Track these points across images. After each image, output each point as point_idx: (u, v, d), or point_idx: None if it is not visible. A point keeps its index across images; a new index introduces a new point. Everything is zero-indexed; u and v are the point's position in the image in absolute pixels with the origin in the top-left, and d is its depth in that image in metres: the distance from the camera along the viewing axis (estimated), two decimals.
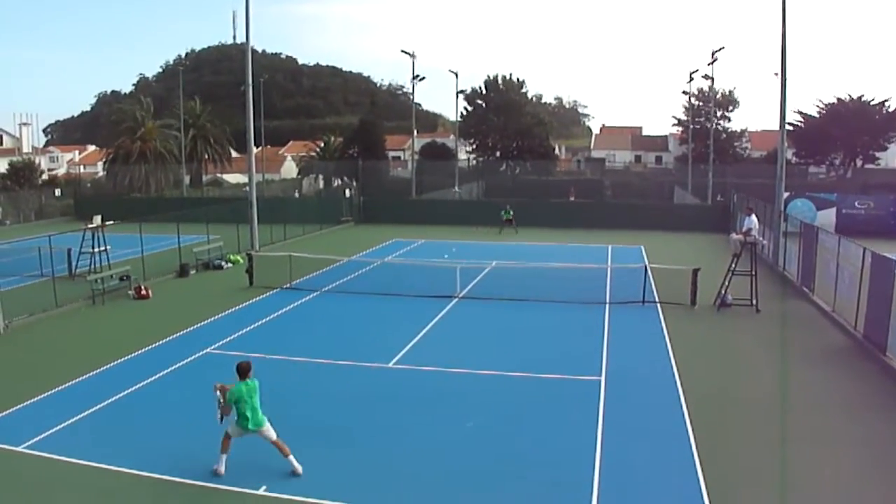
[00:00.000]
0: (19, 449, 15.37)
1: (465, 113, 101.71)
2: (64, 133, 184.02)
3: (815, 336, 25.10)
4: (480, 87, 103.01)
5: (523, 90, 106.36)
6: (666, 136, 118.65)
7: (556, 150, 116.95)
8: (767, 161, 78.15)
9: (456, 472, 14.38)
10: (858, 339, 23.63)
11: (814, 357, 22.67)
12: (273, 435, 14.31)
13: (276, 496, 13.33)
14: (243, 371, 14.18)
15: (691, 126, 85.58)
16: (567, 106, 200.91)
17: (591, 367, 21.24)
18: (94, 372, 20.89)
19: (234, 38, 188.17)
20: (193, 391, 19.44)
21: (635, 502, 13.18)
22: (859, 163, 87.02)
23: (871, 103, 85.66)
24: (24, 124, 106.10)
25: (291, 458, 14.13)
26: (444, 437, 16.29)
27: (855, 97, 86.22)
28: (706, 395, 18.79)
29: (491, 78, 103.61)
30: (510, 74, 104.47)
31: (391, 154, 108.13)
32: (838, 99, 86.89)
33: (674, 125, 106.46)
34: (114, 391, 19.00)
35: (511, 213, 56.17)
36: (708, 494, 13.26)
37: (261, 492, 13.47)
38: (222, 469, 14.04)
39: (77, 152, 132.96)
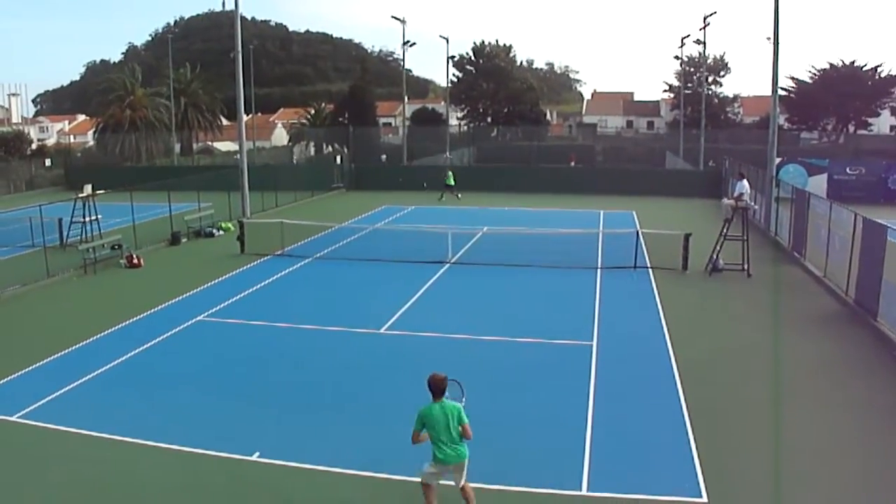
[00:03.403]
0: (13, 418, 15.38)
1: (455, 79, 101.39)
2: (53, 103, 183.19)
3: (807, 301, 25.16)
4: (468, 54, 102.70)
5: (511, 55, 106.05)
6: (658, 102, 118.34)
7: (548, 116, 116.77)
8: (759, 126, 78.24)
9: None
10: (849, 304, 23.69)
11: (805, 322, 22.75)
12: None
13: (270, 462, 13.37)
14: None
15: (683, 91, 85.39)
16: (558, 71, 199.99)
17: (582, 331, 21.31)
18: (87, 341, 20.87)
19: (223, 5, 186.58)
20: (186, 358, 19.49)
21: (627, 465, 13.25)
22: (851, 129, 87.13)
23: (864, 69, 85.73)
24: (13, 95, 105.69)
25: None
26: None
27: (847, 63, 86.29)
28: (698, 360, 18.87)
29: (478, 44, 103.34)
30: (496, 40, 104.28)
31: (382, 120, 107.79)
32: (831, 64, 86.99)
33: (665, 90, 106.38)
34: (107, 360, 19.00)
35: (453, 178, 54.74)
36: (699, 456, 13.34)
37: (254, 458, 13.51)
38: None
39: (67, 122, 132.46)
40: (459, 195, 53.68)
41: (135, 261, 31.75)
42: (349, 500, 12.33)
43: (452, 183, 54.44)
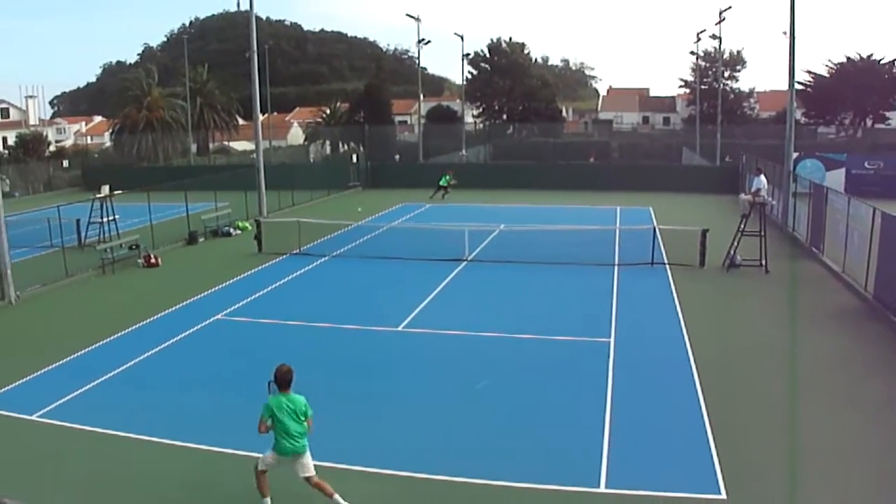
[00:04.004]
0: (32, 418, 15.47)
1: (470, 76, 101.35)
2: (70, 104, 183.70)
3: (825, 297, 25.00)
4: (483, 51, 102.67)
5: (525, 52, 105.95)
6: (674, 97, 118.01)
7: (563, 113, 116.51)
8: (776, 121, 77.81)
9: (467, 434, 14.44)
10: (868, 299, 23.51)
11: (823, 318, 22.60)
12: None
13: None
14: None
15: (699, 87, 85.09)
16: (574, 68, 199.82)
17: (600, 328, 21.28)
18: (105, 340, 20.97)
19: (238, 5, 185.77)
20: (204, 357, 19.56)
21: (645, 462, 13.21)
22: (869, 123, 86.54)
23: (881, 62, 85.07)
24: (31, 97, 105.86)
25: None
26: (454, 400, 16.35)
27: (865, 56, 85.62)
28: (715, 356, 18.81)
29: (494, 41, 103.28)
30: (510, 38, 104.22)
31: (398, 119, 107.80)
32: (848, 58, 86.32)
33: (681, 86, 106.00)
34: (125, 359, 19.09)
35: (450, 179, 53.93)
36: (717, 454, 13.29)
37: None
38: None
39: (84, 123, 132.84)
40: (444, 196, 53.14)
41: (152, 260, 31.88)
42: (366, 498, 12.33)
43: (448, 184, 53.78)
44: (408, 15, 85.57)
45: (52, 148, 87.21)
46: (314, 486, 11.80)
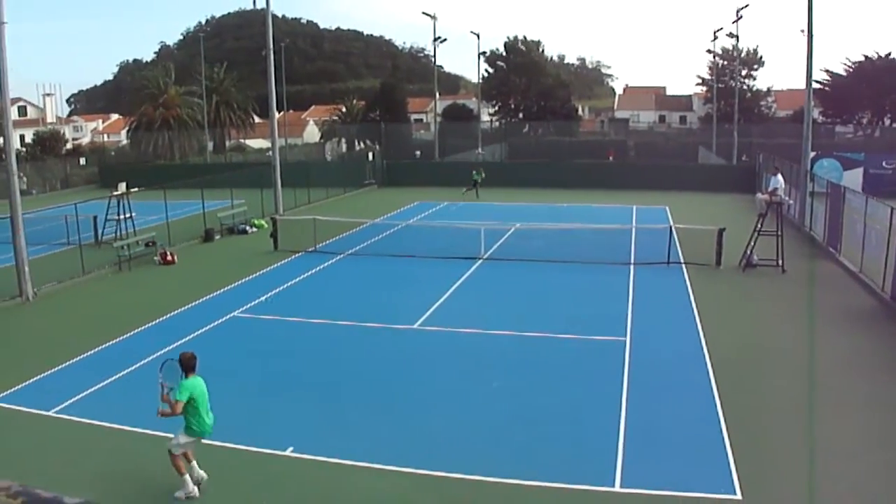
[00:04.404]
0: (50, 413, 15.59)
1: (486, 74, 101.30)
2: (87, 102, 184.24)
3: (842, 297, 24.87)
4: (499, 49, 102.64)
5: (541, 50, 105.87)
6: (690, 96, 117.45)
7: (579, 111, 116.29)
8: (793, 120, 77.32)
9: (482, 433, 14.46)
10: (886, 300, 23.39)
11: (840, 318, 22.50)
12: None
13: (303, 457, 13.45)
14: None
15: (716, 85, 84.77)
16: (590, 66, 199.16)
17: (616, 327, 21.25)
18: (122, 337, 21.10)
19: (254, 3, 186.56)
20: (220, 354, 19.60)
21: (660, 461, 13.20)
22: (887, 122, 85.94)
23: None
24: (48, 95, 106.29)
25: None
26: (470, 398, 16.36)
27: (883, 55, 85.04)
28: (731, 356, 18.76)
29: (510, 39, 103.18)
30: (524, 37, 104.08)
31: (413, 117, 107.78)
32: (866, 57, 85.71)
33: (698, 84, 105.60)
34: (141, 356, 19.15)
35: (482, 175, 53.82)
36: (733, 453, 13.26)
37: (287, 452, 13.60)
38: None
39: (101, 121, 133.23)
40: (478, 194, 52.80)
41: (168, 258, 32.00)
42: (383, 496, 12.37)
43: (478, 179, 53.71)
44: (424, 13, 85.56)
45: (69, 145, 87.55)
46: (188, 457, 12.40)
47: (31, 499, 1.36)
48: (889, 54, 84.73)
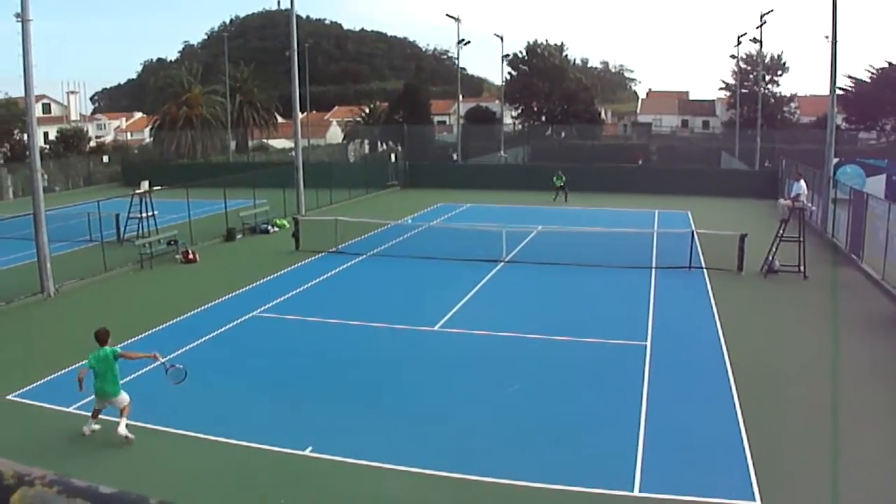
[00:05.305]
0: (70, 410, 15.70)
1: (509, 77, 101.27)
2: (111, 101, 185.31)
3: (864, 304, 24.74)
4: (521, 53, 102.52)
5: (564, 54, 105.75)
6: (713, 101, 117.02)
7: (602, 115, 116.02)
8: (817, 126, 76.92)
9: (501, 435, 14.48)
10: None
11: (862, 325, 22.38)
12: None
13: (322, 457, 13.48)
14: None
15: (739, 90, 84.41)
16: (613, 70, 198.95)
17: (636, 331, 21.21)
18: (143, 335, 21.19)
19: (279, 3, 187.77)
20: (241, 354, 19.70)
21: (680, 466, 13.17)
22: None
23: None
24: (72, 92, 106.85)
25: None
26: (489, 400, 16.37)
27: None
28: (752, 362, 18.67)
29: (531, 43, 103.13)
30: (546, 41, 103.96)
31: (436, 119, 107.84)
32: (890, 63, 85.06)
33: (721, 89, 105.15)
34: (162, 354, 19.20)
35: (563, 179, 53.04)
36: (753, 460, 13.21)
37: (306, 452, 13.63)
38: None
39: (124, 119, 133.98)
40: (567, 198, 52.36)
41: (190, 256, 32.17)
42: (401, 497, 12.41)
43: (562, 184, 52.94)
44: (447, 15, 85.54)
45: (92, 143, 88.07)
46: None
47: (67, 487, 1.39)
48: None
